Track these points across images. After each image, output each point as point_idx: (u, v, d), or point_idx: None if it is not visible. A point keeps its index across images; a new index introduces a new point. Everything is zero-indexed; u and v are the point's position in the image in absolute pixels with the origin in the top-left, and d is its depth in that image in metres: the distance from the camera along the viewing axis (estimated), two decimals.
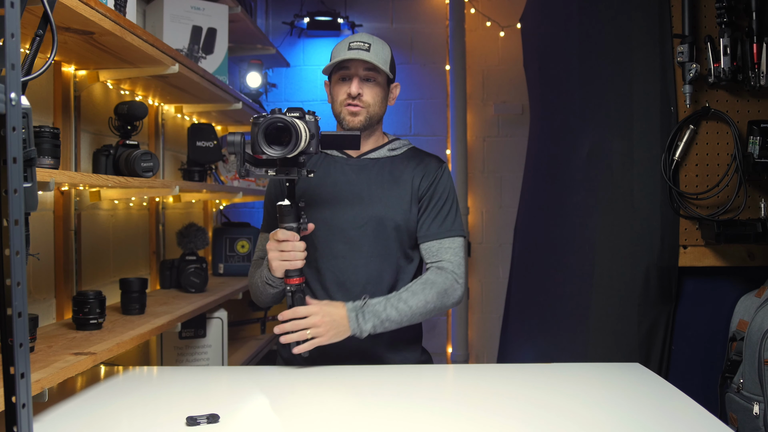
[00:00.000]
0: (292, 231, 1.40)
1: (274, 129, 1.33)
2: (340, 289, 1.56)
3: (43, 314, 1.66)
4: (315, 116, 1.41)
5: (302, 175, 1.40)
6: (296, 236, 1.41)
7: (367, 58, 1.53)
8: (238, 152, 1.36)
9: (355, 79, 1.56)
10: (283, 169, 1.39)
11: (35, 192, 0.89)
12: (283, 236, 1.40)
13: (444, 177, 1.64)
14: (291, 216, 1.41)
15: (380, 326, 1.48)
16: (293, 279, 1.43)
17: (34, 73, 0.97)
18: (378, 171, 1.61)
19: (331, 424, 1.17)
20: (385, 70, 1.56)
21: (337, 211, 1.57)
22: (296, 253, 1.41)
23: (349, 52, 1.54)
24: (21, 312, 0.80)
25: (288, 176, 1.39)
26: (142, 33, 1.63)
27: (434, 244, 1.59)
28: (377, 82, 1.58)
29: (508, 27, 3.68)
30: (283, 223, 1.41)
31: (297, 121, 1.34)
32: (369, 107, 1.57)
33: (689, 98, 1.90)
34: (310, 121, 1.40)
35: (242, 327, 2.88)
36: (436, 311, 1.55)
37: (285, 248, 1.41)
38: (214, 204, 3.00)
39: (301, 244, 1.42)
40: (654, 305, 1.96)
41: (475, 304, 3.71)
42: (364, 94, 1.56)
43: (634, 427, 1.16)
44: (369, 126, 1.60)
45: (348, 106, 1.56)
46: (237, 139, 1.36)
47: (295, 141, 1.32)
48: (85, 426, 1.17)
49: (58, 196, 1.74)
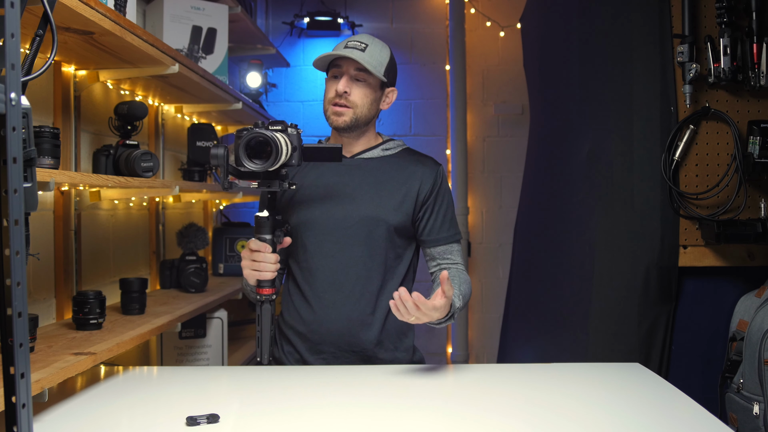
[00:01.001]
0: (265, 243, 1.41)
1: (255, 143, 1.35)
2: (330, 288, 1.56)
3: (43, 314, 1.66)
4: (297, 129, 1.44)
5: (284, 187, 1.42)
6: (268, 248, 1.41)
7: (356, 57, 1.51)
8: (222, 165, 1.38)
9: (344, 77, 1.55)
10: (265, 182, 1.41)
11: (35, 192, 0.89)
12: (255, 246, 1.41)
13: (444, 180, 1.65)
14: (266, 228, 1.42)
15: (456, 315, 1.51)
16: (263, 289, 1.44)
17: (34, 73, 0.97)
18: (370, 171, 1.61)
19: (331, 424, 1.17)
20: (376, 72, 1.54)
21: (328, 211, 1.57)
22: (267, 264, 1.41)
23: (343, 50, 1.54)
24: (21, 312, 0.80)
25: (269, 188, 1.41)
26: (142, 33, 1.63)
27: (446, 248, 1.62)
28: (368, 83, 1.57)
29: (508, 27, 3.68)
30: (257, 234, 1.42)
31: (278, 134, 1.37)
32: (356, 108, 1.56)
33: (689, 98, 1.90)
34: (292, 134, 1.42)
35: (242, 327, 2.88)
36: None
37: (256, 258, 1.41)
38: (214, 204, 3.00)
39: (273, 256, 1.42)
40: (654, 305, 1.96)
41: (475, 304, 3.71)
42: (351, 93, 1.55)
43: (634, 427, 1.16)
44: (355, 127, 1.59)
45: (334, 105, 1.56)
46: (220, 152, 1.37)
47: (276, 155, 1.35)
48: (85, 426, 1.17)
49: (58, 196, 1.74)
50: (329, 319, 1.56)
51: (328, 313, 1.56)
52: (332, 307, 1.56)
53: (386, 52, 1.59)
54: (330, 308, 1.56)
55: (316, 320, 1.57)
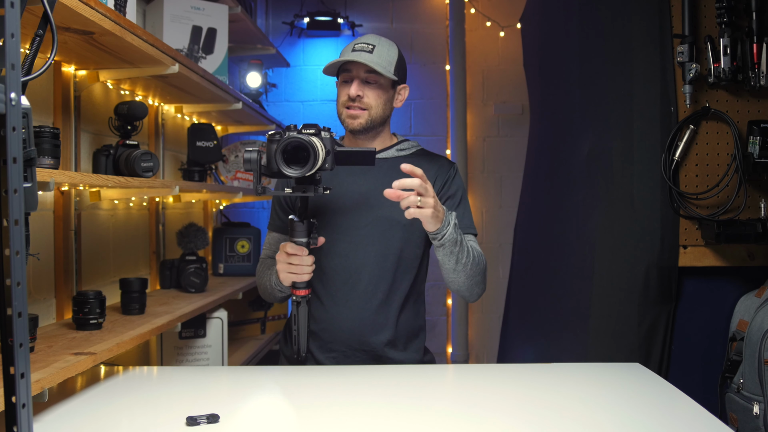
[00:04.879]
0: (301, 246, 1.41)
1: (291, 148, 1.32)
2: (343, 287, 1.57)
3: (43, 314, 1.66)
4: (330, 132, 1.41)
5: (318, 192, 1.39)
6: (305, 251, 1.41)
7: (365, 60, 1.52)
8: (255, 169, 1.35)
9: (355, 82, 1.56)
10: (300, 187, 1.39)
11: (35, 192, 0.89)
12: (292, 250, 1.41)
13: (457, 177, 1.66)
14: (302, 232, 1.41)
15: (455, 252, 1.45)
16: (300, 291, 1.45)
17: (34, 73, 0.97)
18: (385, 171, 1.61)
19: (332, 424, 1.17)
20: (386, 73, 1.55)
21: (342, 211, 1.58)
22: (304, 267, 1.42)
23: (351, 54, 1.55)
24: (21, 312, 0.80)
25: (305, 194, 1.39)
26: (142, 33, 1.63)
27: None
28: (379, 84, 1.58)
29: (508, 27, 3.68)
30: (293, 238, 1.41)
31: (314, 139, 1.34)
32: (370, 109, 1.57)
33: (689, 98, 1.90)
34: (325, 137, 1.39)
35: (242, 327, 2.88)
36: (478, 278, 1.54)
37: (293, 261, 1.41)
38: (214, 204, 3.00)
39: (310, 258, 1.42)
40: (654, 305, 1.96)
41: (475, 304, 3.71)
42: (365, 96, 1.56)
43: (634, 427, 1.16)
44: (371, 128, 1.60)
45: (348, 108, 1.57)
46: (254, 157, 1.35)
47: (313, 160, 1.32)
48: (85, 426, 1.17)
49: (58, 196, 1.74)
50: (341, 318, 1.57)
51: (340, 311, 1.57)
52: (344, 306, 1.57)
53: (394, 50, 1.60)
54: (342, 307, 1.57)
55: (328, 319, 1.58)
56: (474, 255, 1.51)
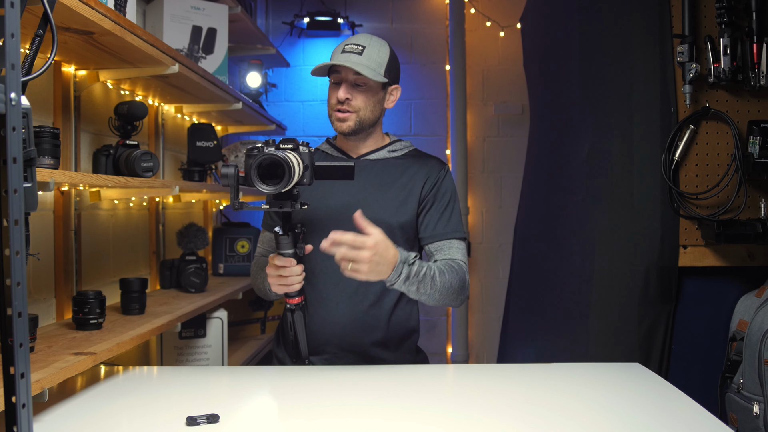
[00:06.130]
0: (289, 258, 1.41)
1: (267, 164, 1.32)
2: (334, 289, 1.57)
3: (43, 314, 1.66)
4: (309, 147, 1.42)
5: (296, 207, 1.39)
6: (293, 262, 1.41)
7: (354, 63, 1.51)
8: (232, 185, 1.35)
9: (343, 85, 1.55)
10: (277, 203, 1.38)
11: (35, 192, 0.89)
12: (280, 263, 1.41)
13: (447, 178, 1.64)
14: (288, 245, 1.41)
15: (412, 291, 1.44)
16: (293, 299, 1.45)
17: (34, 73, 0.97)
18: (377, 172, 1.61)
19: (331, 424, 1.17)
20: (375, 76, 1.53)
21: (331, 212, 1.58)
22: (294, 278, 1.42)
23: (340, 57, 1.54)
24: (21, 312, 0.80)
25: (282, 209, 1.39)
26: (142, 33, 1.63)
27: (443, 244, 1.59)
28: (368, 86, 1.56)
29: (508, 27, 3.68)
30: (280, 250, 1.41)
31: (290, 155, 1.34)
32: (359, 112, 1.56)
33: (689, 98, 1.90)
34: (303, 152, 1.40)
35: (242, 327, 2.88)
36: (450, 299, 1.50)
37: (283, 273, 1.41)
38: (214, 204, 3.00)
39: (299, 267, 1.42)
40: (654, 305, 1.96)
41: (475, 304, 3.71)
42: (353, 98, 1.56)
43: (634, 427, 1.16)
44: (360, 130, 1.59)
45: (337, 111, 1.57)
46: (231, 172, 1.34)
47: (288, 177, 1.32)
48: (85, 426, 1.17)
49: (58, 196, 1.74)
50: (332, 319, 1.57)
51: (331, 313, 1.57)
52: (335, 308, 1.57)
53: (385, 51, 1.58)
54: (333, 308, 1.57)
55: (318, 321, 1.58)
56: (440, 283, 1.46)
